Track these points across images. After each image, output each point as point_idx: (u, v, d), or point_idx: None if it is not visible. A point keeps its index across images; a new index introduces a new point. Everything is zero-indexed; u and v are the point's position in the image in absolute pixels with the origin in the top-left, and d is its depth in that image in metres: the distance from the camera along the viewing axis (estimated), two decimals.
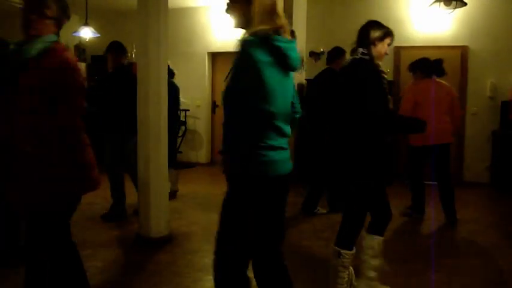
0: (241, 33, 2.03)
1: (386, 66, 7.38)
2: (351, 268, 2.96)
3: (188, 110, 8.54)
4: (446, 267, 3.71)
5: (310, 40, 7.81)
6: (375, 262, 3.00)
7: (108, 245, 4.12)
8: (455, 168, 7.51)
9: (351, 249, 2.92)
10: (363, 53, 2.90)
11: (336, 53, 5.27)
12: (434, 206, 5.33)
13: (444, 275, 3.54)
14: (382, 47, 2.96)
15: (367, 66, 2.87)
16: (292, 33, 2.04)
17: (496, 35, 7.18)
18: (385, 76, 2.93)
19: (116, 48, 4.95)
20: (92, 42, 8.19)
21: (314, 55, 7.60)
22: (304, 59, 7.59)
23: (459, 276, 3.53)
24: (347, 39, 7.98)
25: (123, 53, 4.98)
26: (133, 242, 4.21)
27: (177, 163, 5.93)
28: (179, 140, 8.61)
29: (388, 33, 3.00)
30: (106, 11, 8.80)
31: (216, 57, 8.95)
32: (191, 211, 5.48)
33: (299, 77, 7.08)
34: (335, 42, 7.60)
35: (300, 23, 7.65)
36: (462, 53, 7.33)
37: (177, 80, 6.75)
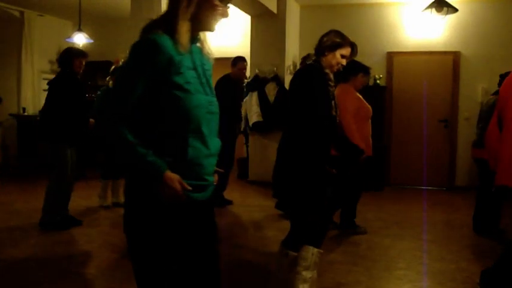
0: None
1: (378, 72, 7.45)
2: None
3: None
4: None
5: (303, 46, 7.85)
6: (308, 274, 2.83)
7: (101, 251, 4.10)
8: (448, 172, 7.56)
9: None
10: (314, 60, 2.94)
11: None
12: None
13: None
14: (332, 58, 2.90)
15: (312, 73, 2.87)
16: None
17: (487, 41, 7.26)
18: (331, 84, 2.88)
19: (61, 56, 4.78)
20: (85, 48, 8.17)
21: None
22: (297, 66, 7.63)
23: None
24: None
25: (68, 61, 4.72)
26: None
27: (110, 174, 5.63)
28: None
29: (340, 44, 2.90)
30: (99, 17, 8.80)
31: None
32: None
33: None
34: None
35: (293, 28, 7.69)
36: (454, 58, 7.39)
37: None
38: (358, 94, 4.67)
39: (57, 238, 4.42)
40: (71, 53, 4.74)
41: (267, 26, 7.04)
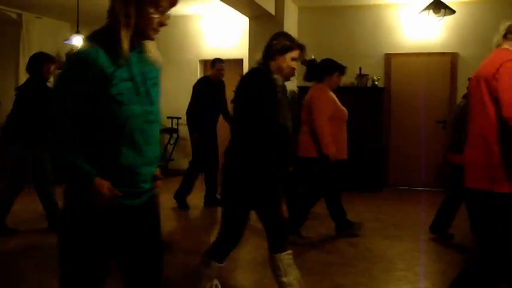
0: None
1: (376, 74, 7.47)
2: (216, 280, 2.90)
3: (180, 118, 8.53)
4: None
5: None
6: (290, 278, 2.80)
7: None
8: (447, 173, 7.57)
9: (221, 262, 2.86)
10: (261, 64, 2.90)
11: None
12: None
13: None
14: (283, 61, 2.84)
15: (259, 78, 2.83)
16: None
17: (485, 42, 7.23)
18: (278, 90, 2.81)
19: (30, 61, 4.71)
20: None
21: (305, 62, 7.63)
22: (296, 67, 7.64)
23: None
24: (338, 47, 8.10)
25: (37, 66, 4.66)
26: None
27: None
28: (171, 147, 8.61)
29: (290, 47, 2.85)
30: (98, 19, 8.68)
31: (207, 64, 8.95)
32: (183, 219, 5.47)
33: (291, 84, 7.11)
34: (326, 50, 7.67)
35: (291, 30, 7.70)
36: (452, 60, 7.41)
37: (169, 87, 6.80)
38: (334, 96, 4.54)
39: None
40: (40, 59, 4.67)
41: (265, 27, 7.03)
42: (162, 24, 1.75)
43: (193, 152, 5.96)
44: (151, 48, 1.83)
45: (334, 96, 4.55)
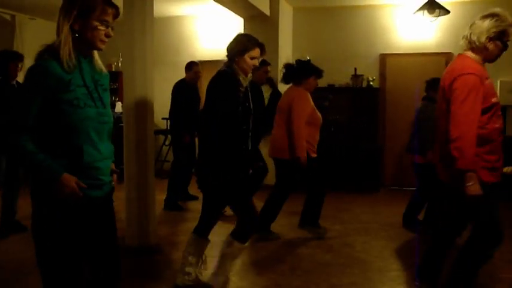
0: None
1: (371, 74, 7.47)
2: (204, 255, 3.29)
3: None
4: None
5: (297, 48, 7.86)
6: (193, 260, 3.24)
7: None
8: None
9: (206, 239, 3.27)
10: (226, 65, 3.13)
11: None
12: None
13: None
14: (243, 62, 3.07)
15: (222, 78, 3.09)
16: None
17: None
18: (241, 90, 3.07)
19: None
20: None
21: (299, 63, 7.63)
22: None
23: None
24: (333, 47, 8.10)
25: (2, 65, 4.61)
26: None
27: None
28: (166, 148, 8.58)
29: (247, 48, 3.07)
30: None
31: (203, 65, 8.91)
32: (180, 220, 5.45)
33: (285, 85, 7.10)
34: (321, 50, 7.68)
35: (286, 31, 7.70)
36: (446, 60, 7.41)
37: (164, 89, 6.78)
38: (311, 100, 4.55)
39: None
40: (6, 57, 4.60)
41: (260, 28, 7.03)
42: (108, 35, 1.98)
43: (176, 153, 6.16)
44: (97, 58, 2.06)
45: (311, 101, 4.56)
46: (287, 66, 4.63)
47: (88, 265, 2.05)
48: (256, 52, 3.10)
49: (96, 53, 2.05)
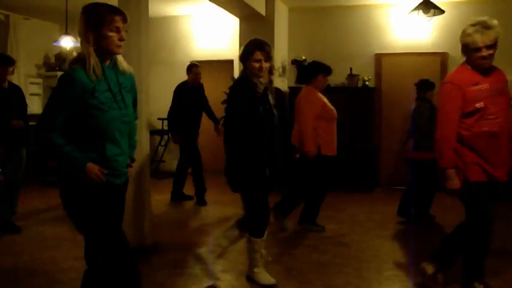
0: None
1: (367, 74, 7.48)
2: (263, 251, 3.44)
3: None
4: None
5: (292, 48, 7.86)
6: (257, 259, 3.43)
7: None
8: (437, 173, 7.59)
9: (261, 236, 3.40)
10: (242, 71, 3.37)
11: None
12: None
13: None
14: (250, 66, 3.25)
15: (238, 82, 3.36)
16: None
17: None
18: (257, 90, 3.26)
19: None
20: (72, 51, 8.10)
21: (296, 63, 7.64)
22: (287, 67, 7.63)
23: None
24: (328, 47, 8.11)
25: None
26: None
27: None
28: (162, 148, 8.56)
29: (248, 53, 3.25)
30: None
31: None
32: (174, 220, 5.44)
33: (281, 84, 7.11)
34: (317, 50, 7.68)
35: (281, 31, 7.70)
36: (442, 59, 7.44)
37: (159, 89, 6.77)
38: (321, 96, 4.77)
39: None
40: None
41: (256, 28, 7.02)
42: (121, 39, 2.27)
43: (182, 153, 6.34)
44: (121, 60, 2.37)
45: (322, 97, 4.78)
46: (298, 67, 4.98)
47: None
48: (257, 55, 3.23)
49: (119, 56, 2.33)
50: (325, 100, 4.77)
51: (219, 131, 6.27)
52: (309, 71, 4.86)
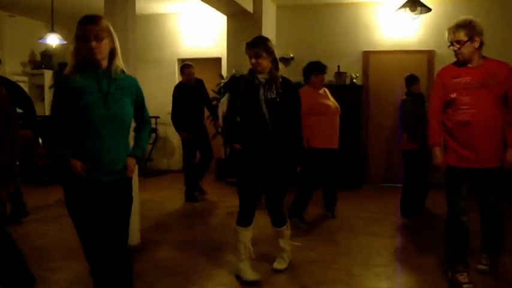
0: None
1: (354, 71, 7.52)
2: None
3: (158, 117, 8.46)
4: None
5: (280, 46, 7.85)
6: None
7: (78, 256, 4.02)
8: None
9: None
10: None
11: None
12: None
13: None
14: (248, 61, 3.47)
15: (242, 76, 3.62)
16: None
17: None
18: (256, 82, 3.42)
19: None
20: (58, 49, 8.03)
21: (284, 61, 7.64)
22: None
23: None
24: (316, 45, 8.11)
25: None
26: None
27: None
28: (149, 147, 8.52)
29: (246, 52, 3.46)
30: (72, 18, 8.59)
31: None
32: (163, 219, 5.42)
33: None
34: (305, 48, 7.70)
35: (269, 28, 7.69)
36: (428, 57, 7.49)
37: (147, 87, 6.67)
38: (315, 92, 5.02)
39: None
40: None
41: (243, 25, 7.01)
42: (91, 47, 2.37)
43: (184, 151, 6.43)
44: (117, 64, 2.51)
45: (316, 94, 5.00)
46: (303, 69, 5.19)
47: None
48: (248, 52, 3.44)
49: (116, 61, 2.49)
50: (319, 97, 4.99)
51: (218, 125, 6.48)
52: (304, 73, 5.11)
